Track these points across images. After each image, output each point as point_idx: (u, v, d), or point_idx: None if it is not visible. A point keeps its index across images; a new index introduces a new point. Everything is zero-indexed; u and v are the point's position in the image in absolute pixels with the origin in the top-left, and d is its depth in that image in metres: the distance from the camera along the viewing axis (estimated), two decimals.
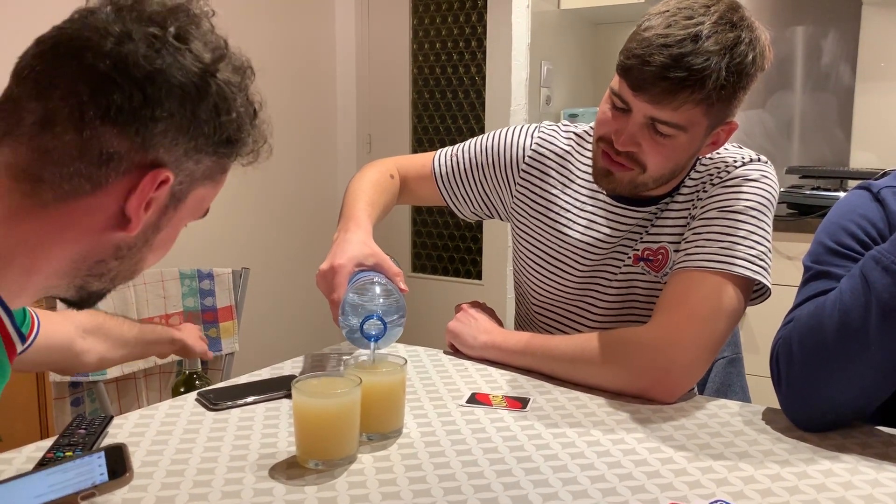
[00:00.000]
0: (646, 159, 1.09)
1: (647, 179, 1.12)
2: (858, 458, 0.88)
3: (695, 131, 1.06)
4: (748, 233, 1.10)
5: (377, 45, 3.55)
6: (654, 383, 1.06)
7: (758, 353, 2.36)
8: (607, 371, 1.09)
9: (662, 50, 0.99)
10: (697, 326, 1.06)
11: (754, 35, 1.06)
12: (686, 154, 1.10)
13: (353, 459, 0.86)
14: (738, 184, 1.13)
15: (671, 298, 1.10)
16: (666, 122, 1.04)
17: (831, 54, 2.79)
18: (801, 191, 2.47)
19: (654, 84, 1.01)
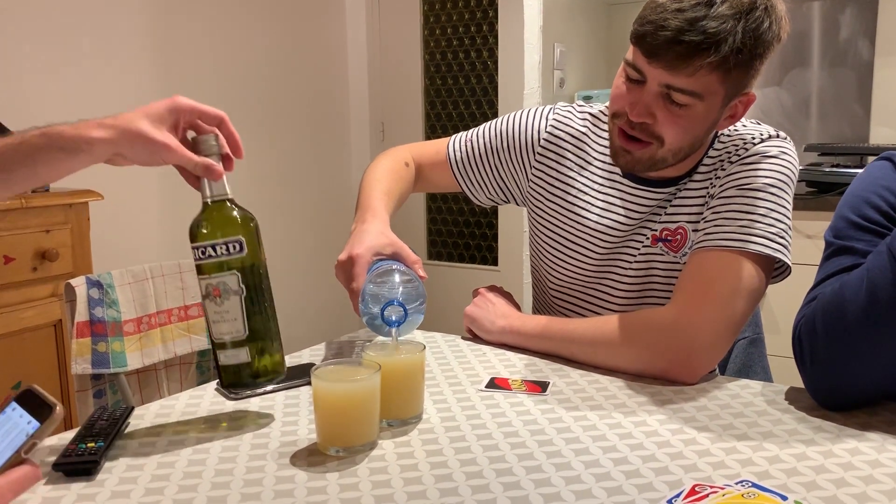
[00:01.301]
0: (662, 131, 1.06)
1: (666, 154, 1.09)
2: (885, 437, 0.87)
3: (711, 100, 1.04)
4: (768, 210, 1.08)
5: (388, 32, 3.53)
6: (676, 364, 1.04)
7: (779, 334, 2.34)
8: (628, 353, 1.08)
9: (677, 15, 0.98)
10: (718, 306, 1.04)
11: (770, 2, 1.03)
12: (703, 126, 1.08)
13: (374, 446, 0.86)
14: (756, 161, 1.11)
15: (690, 279, 1.09)
16: (681, 89, 1.02)
17: (849, 29, 2.74)
18: (821, 168, 2.44)
19: (669, 49, 0.99)
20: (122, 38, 2.64)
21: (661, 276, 1.21)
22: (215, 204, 0.91)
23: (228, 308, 0.89)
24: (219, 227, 0.89)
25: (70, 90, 2.49)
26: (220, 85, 2.99)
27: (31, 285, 2.03)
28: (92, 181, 2.46)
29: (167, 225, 2.84)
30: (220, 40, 2.98)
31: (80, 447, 0.82)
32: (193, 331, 1.62)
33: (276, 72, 3.22)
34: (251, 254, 0.90)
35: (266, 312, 0.91)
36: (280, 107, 3.25)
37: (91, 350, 1.45)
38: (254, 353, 0.90)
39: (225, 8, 2.99)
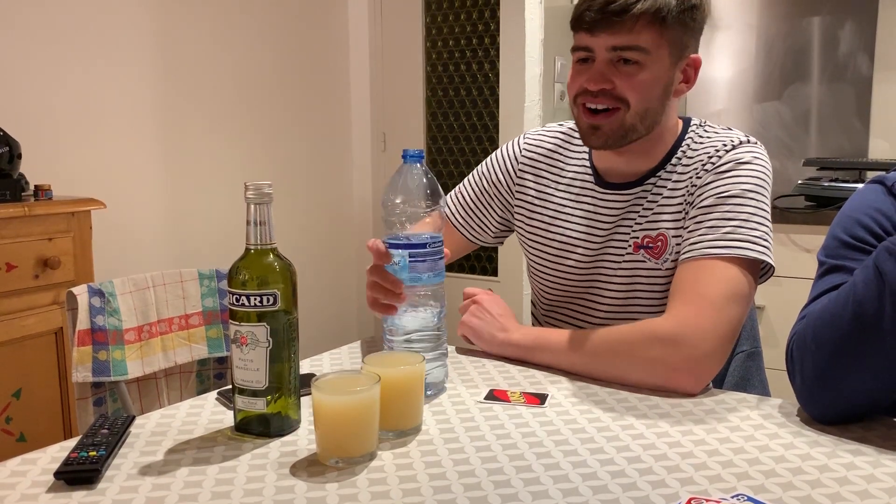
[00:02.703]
0: (624, 93, 1.12)
1: (634, 119, 1.14)
2: (880, 451, 0.87)
3: (659, 56, 1.12)
4: (749, 215, 1.11)
5: (390, 42, 3.55)
6: (680, 374, 1.06)
7: (777, 347, 2.34)
8: (629, 365, 1.09)
9: None
10: (714, 314, 1.06)
11: None
12: (659, 85, 1.14)
13: (374, 457, 0.86)
14: (731, 168, 1.15)
15: (683, 288, 1.11)
16: (627, 46, 1.10)
17: (848, 44, 2.76)
18: (819, 182, 2.45)
19: (606, 15, 1.09)
20: (125, 45, 2.66)
21: (644, 284, 1.23)
22: (257, 252, 0.92)
23: (253, 357, 0.90)
24: (256, 277, 0.90)
25: (71, 93, 2.51)
26: (221, 93, 3.01)
27: (32, 293, 2.04)
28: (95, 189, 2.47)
29: (169, 234, 2.85)
30: (221, 49, 3.00)
31: (82, 456, 0.83)
32: (194, 340, 1.63)
33: (277, 82, 3.23)
34: (284, 307, 0.91)
35: (289, 365, 0.93)
36: (281, 116, 3.26)
37: (92, 358, 1.45)
38: (271, 404, 0.92)
39: (227, 16, 3.01)
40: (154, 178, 2.79)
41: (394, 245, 1.03)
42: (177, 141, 2.85)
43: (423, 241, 1.01)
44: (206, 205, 2.96)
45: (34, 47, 2.39)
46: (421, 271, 1.02)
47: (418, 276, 1.02)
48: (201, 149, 2.94)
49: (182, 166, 2.88)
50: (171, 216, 2.86)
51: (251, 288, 0.90)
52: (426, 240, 1.02)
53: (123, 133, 2.67)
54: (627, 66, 1.11)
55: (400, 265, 1.02)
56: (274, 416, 0.93)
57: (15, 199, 2.04)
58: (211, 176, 2.98)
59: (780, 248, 2.41)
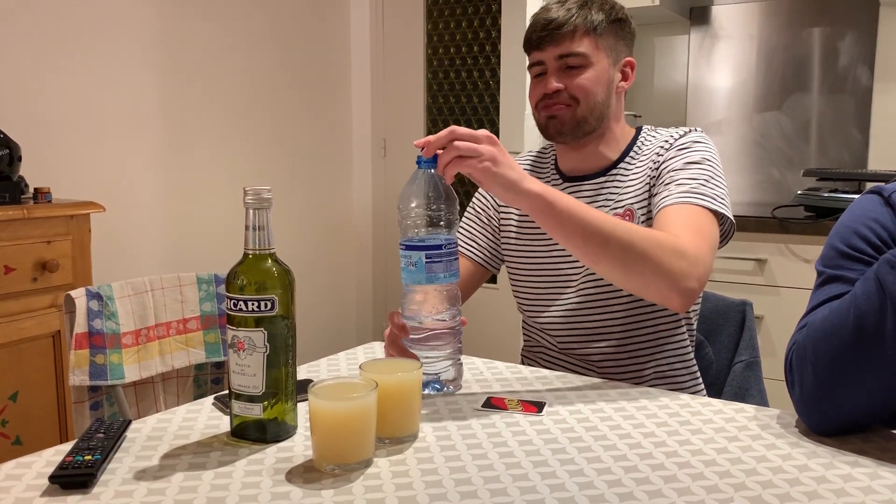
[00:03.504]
0: (574, 92, 1.32)
1: (585, 112, 1.33)
2: (878, 463, 0.87)
3: (598, 59, 1.33)
4: (710, 177, 1.27)
5: (392, 48, 3.56)
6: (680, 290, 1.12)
7: (775, 357, 2.34)
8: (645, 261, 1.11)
9: (547, 13, 1.33)
10: (704, 242, 1.18)
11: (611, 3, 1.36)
12: (604, 83, 1.33)
13: (370, 463, 0.86)
14: (689, 145, 1.32)
15: (672, 223, 1.20)
16: (570, 53, 1.31)
17: (849, 56, 2.77)
18: (819, 193, 2.45)
19: (551, 32, 1.32)
20: (126, 49, 2.67)
21: None
22: (255, 257, 0.91)
23: (250, 363, 0.90)
24: (254, 282, 0.90)
25: (72, 96, 2.51)
26: (222, 98, 3.01)
27: (30, 296, 2.04)
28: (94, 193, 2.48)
29: (168, 238, 2.85)
30: (223, 54, 3.00)
31: (77, 460, 0.82)
32: (191, 344, 1.63)
33: (278, 87, 3.24)
34: (282, 312, 0.91)
35: (286, 371, 0.92)
36: (282, 121, 3.27)
37: (89, 362, 1.45)
38: (267, 409, 0.92)
39: (229, 22, 3.01)
40: (153, 181, 2.79)
41: (410, 247, 1.04)
42: (177, 145, 2.86)
43: (438, 242, 1.04)
44: (205, 209, 2.97)
45: (36, 50, 2.39)
46: (437, 272, 1.05)
47: (434, 276, 1.05)
48: (201, 153, 2.95)
49: (182, 170, 2.88)
50: (170, 220, 2.86)
51: (249, 293, 0.90)
52: (442, 241, 1.05)
53: (123, 137, 2.67)
54: (573, 70, 1.32)
55: (417, 266, 1.04)
56: (270, 422, 0.92)
57: (14, 202, 2.04)
58: (210, 180, 2.98)
59: (780, 258, 2.41)
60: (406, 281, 1.07)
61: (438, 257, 1.04)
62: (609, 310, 1.33)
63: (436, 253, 1.04)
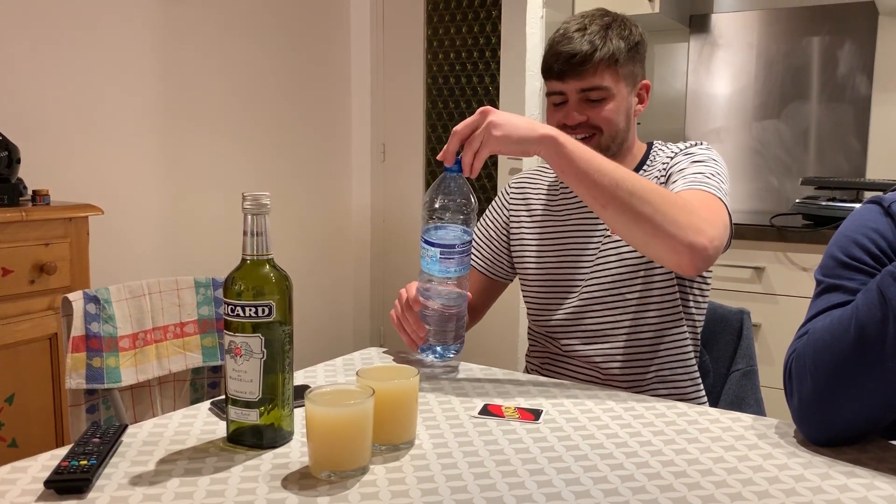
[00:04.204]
0: (598, 122, 1.34)
1: (608, 140, 1.35)
2: (874, 474, 0.87)
3: (618, 90, 1.34)
4: (714, 173, 1.29)
5: (392, 54, 3.56)
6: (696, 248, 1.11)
7: (772, 366, 2.34)
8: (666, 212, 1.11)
9: (569, 44, 1.32)
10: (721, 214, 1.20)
11: (619, 18, 1.37)
12: (623, 110, 1.35)
13: (366, 470, 0.86)
14: (693, 152, 1.36)
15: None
16: (593, 87, 1.32)
17: (847, 65, 2.77)
18: (817, 201, 2.45)
19: (574, 65, 1.31)
20: (126, 52, 2.67)
21: (630, 261, 1.33)
22: (253, 262, 0.91)
23: (247, 369, 0.90)
24: (252, 287, 0.90)
25: (71, 98, 2.51)
26: (222, 102, 3.01)
27: (28, 298, 2.03)
28: (92, 196, 2.47)
29: (166, 241, 2.85)
30: (222, 58, 3.00)
31: (73, 464, 0.82)
32: (188, 348, 1.63)
33: (278, 91, 3.24)
34: (279, 318, 0.91)
35: (283, 377, 0.92)
36: (282, 126, 3.27)
37: (86, 365, 1.45)
38: (264, 415, 0.91)
39: (229, 26, 3.02)
40: (152, 185, 2.79)
41: (430, 243, 1.15)
42: (176, 149, 2.86)
43: (452, 242, 1.14)
44: (203, 213, 2.96)
45: (34, 52, 2.40)
46: (449, 266, 1.16)
47: (447, 269, 1.16)
48: (200, 157, 2.95)
49: (181, 174, 2.88)
50: (168, 224, 2.86)
51: (246, 298, 0.89)
52: (455, 241, 1.14)
53: (122, 140, 2.67)
54: (595, 103, 1.33)
55: (432, 259, 1.15)
56: (267, 428, 0.92)
57: (12, 204, 2.04)
58: (209, 184, 2.98)
59: (778, 266, 2.42)
60: (423, 269, 1.18)
61: (451, 255, 1.15)
62: (613, 311, 1.34)
63: (449, 251, 1.15)
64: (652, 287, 1.33)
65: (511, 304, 3.15)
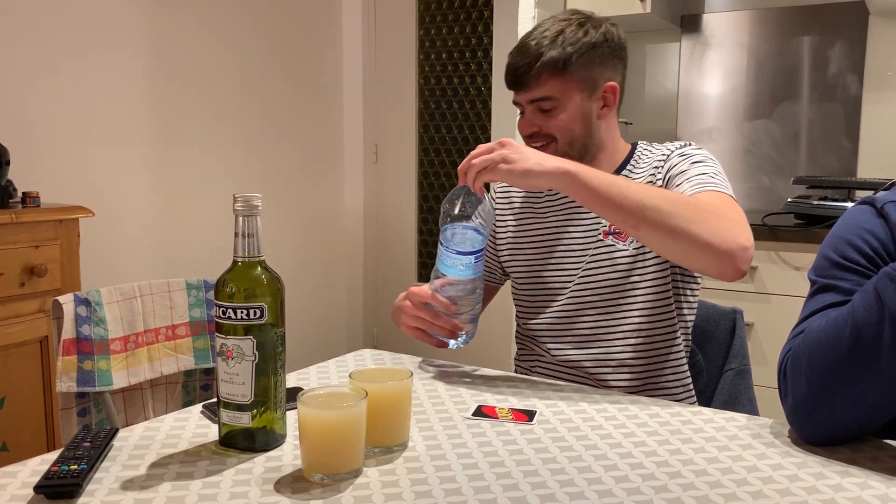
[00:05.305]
0: (549, 131, 1.33)
1: (563, 148, 1.33)
2: (868, 473, 0.87)
3: (570, 97, 1.31)
4: (716, 173, 1.28)
5: (384, 54, 3.56)
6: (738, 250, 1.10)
7: (765, 365, 2.34)
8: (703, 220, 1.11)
9: (515, 56, 1.34)
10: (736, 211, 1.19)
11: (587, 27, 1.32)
12: (579, 117, 1.33)
13: (359, 473, 0.86)
14: (688, 153, 1.33)
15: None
16: (540, 97, 1.32)
17: (838, 64, 2.78)
18: (809, 201, 2.46)
19: (518, 78, 1.32)
20: (116, 53, 2.66)
21: (616, 266, 1.33)
22: (245, 264, 0.91)
23: (238, 371, 0.89)
24: (243, 289, 0.89)
25: (61, 100, 2.49)
26: (213, 103, 3.00)
27: (18, 301, 2.02)
28: (83, 198, 2.46)
29: (157, 243, 2.84)
30: (214, 58, 2.99)
31: (63, 469, 0.81)
32: (180, 350, 1.62)
33: (270, 92, 3.23)
34: (271, 320, 0.90)
35: (275, 380, 0.92)
36: (273, 127, 3.26)
37: (77, 368, 1.44)
38: (256, 418, 0.91)
39: (220, 26, 3.01)
40: (143, 186, 2.78)
41: (463, 252, 1.18)
42: (167, 150, 2.85)
43: (480, 246, 1.18)
44: (195, 214, 2.95)
45: (23, 54, 2.38)
46: (479, 267, 1.20)
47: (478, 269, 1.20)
48: (191, 158, 2.93)
49: (172, 175, 2.87)
50: (159, 225, 2.84)
51: (238, 301, 0.89)
52: (481, 244, 1.18)
53: (113, 141, 2.66)
54: (546, 112, 1.32)
55: (466, 266, 1.18)
56: (259, 431, 0.92)
57: (2, 206, 2.02)
58: (201, 186, 2.97)
59: (770, 265, 2.42)
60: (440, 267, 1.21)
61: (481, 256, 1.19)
62: (604, 315, 1.33)
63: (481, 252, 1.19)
64: (645, 292, 1.32)
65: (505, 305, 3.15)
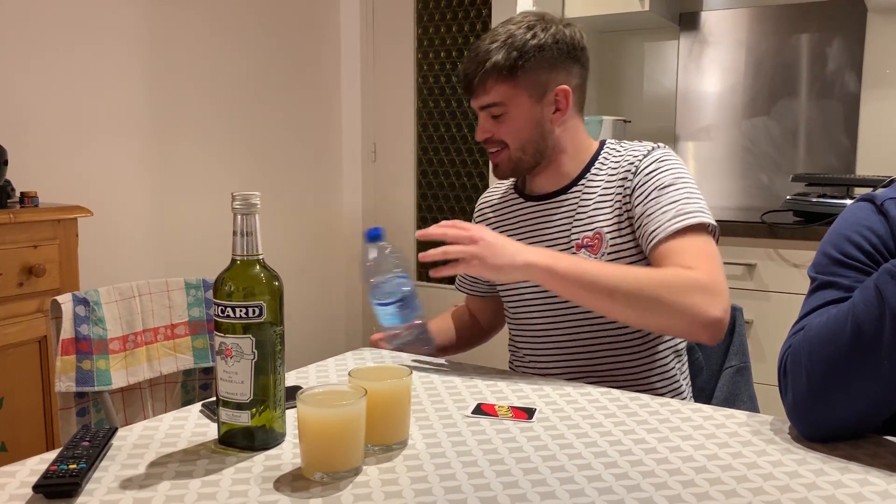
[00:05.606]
0: (500, 137, 1.33)
1: (516, 153, 1.34)
2: (868, 469, 0.87)
3: (518, 102, 1.30)
4: (688, 193, 1.26)
5: (382, 53, 3.55)
6: (712, 324, 1.13)
7: (765, 362, 2.34)
8: (667, 307, 1.14)
9: (466, 61, 1.33)
10: (717, 268, 1.18)
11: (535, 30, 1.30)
12: (529, 123, 1.32)
13: (359, 471, 0.85)
14: (655, 167, 1.29)
15: (678, 257, 1.19)
16: (488, 104, 1.32)
17: (836, 62, 2.78)
18: (808, 198, 2.46)
19: (466, 85, 1.33)
20: (114, 52, 2.65)
21: None
22: (243, 263, 0.90)
23: (238, 370, 0.89)
24: (242, 288, 0.89)
25: (59, 99, 2.49)
26: (211, 102, 3.00)
27: (16, 301, 2.02)
28: (81, 197, 2.46)
29: (156, 242, 2.84)
30: (212, 57, 2.99)
31: (62, 468, 0.81)
32: (179, 350, 1.62)
33: (268, 91, 3.23)
34: (270, 319, 0.90)
35: (274, 378, 0.91)
36: (272, 126, 3.26)
37: (76, 368, 1.44)
38: (255, 417, 0.90)
39: (218, 25, 3.00)
40: (141, 186, 2.78)
41: (385, 304, 1.24)
42: (165, 149, 2.84)
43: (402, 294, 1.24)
44: (193, 214, 2.95)
45: (21, 52, 2.38)
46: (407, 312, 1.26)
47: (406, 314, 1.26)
48: (190, 157, 2.93)
49: (170, 175, 2.87)
50: (158, 225, 2.84)
51: (237, 299, 0.89)
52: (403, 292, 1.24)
53: (111, 140, 2.66)
54: (496, 118, 1.32)
55: (391, 314, 1.25)
56: (258, 430, 0.91)
57: (0, 206, 2.02)
58: (199, 185, 2.97)
59: (769, 262, 2.42)
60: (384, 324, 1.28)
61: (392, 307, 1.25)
62: (575, 329, 1.34)
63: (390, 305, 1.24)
64: None
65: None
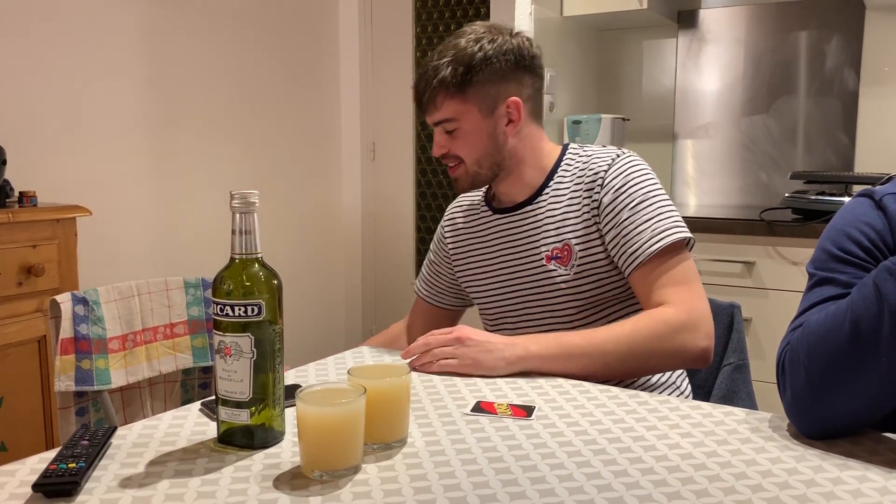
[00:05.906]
0: (457, 152, 1.33)
1: (472, 167, 1.34)
2: (867, 466, 0.87)
3: (470, 117, 1.30)
4: (660, 209, 1.27)
5: (380, 51, 3.55)
6: (702, 354, 1.20)
7: (763, 360, 2.35)
8: (659, 357, 1.20)
9: (416, 80, 1.33)
10: (699, 294, 1.23)
11: (482, 42, 1.29)
12: (482, 137, 1.31)
13: (358, 469, 0.86)
14: (623, 181, 1.29)
15: (658, 284, 1.23)
16: (440, 120, 1.31)
17: (835, 59, 2.78)
18: (806, 196, 2.46)
19: (420, 101, 1.33)
20: (113, 52, 2.65)
21: (560, 291, 1.33)
22: (242, 261, 0.90)
23: (237, 368, 0.89)
24: (241, 287, 0.89)
25: (58, 99, 2.49)
26: (210, 101, 3.00)
27: (15, 300, 2.02)
28: (80, 197, 2.46)
29: (155, 242, 2.83)
30: (210, 57, 2.99)
31: (61, 468, 0.81)
32: (179, 349, 1.62)
33: (267, 90, 3.23)
34: (269, 317, 0.90)
35: (273, 376, 0.91)
36: (271, 125, 3.26)
37: (75, 367, 1.44)
38: (254, 415, 0.91)
39: (216, 25, 3.00)
40: (140, 185, 2.78)
41: None
42: (164, 148, 2.84)
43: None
44: (192, 213, 2.95)
45: (20, 53, 2.38)
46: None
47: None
48: (189, 156, 2.93)
49: (169, 174, 2.87)
50: (157, 224, 2.84)
51: (236, 298, 0.89)
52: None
53: (110, 140, 2.65)
54: (449, 133, 1.32)
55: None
56: (257, 428, 0.91)
57: None
58: (198, 184, 2.97)
59: (768, 260, 2.42)
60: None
61: None
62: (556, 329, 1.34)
63: None
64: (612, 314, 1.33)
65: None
